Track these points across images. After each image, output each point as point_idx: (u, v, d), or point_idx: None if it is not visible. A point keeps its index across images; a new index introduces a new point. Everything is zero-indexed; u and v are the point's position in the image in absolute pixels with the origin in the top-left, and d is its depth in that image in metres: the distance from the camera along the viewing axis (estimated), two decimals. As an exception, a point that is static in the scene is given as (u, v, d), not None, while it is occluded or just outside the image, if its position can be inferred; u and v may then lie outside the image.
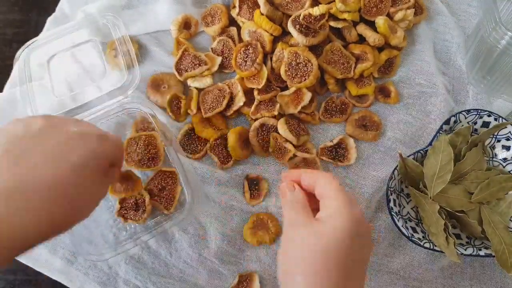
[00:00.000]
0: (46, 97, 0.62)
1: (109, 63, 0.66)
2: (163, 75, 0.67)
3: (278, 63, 0.64)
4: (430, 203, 0.56)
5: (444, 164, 0.56)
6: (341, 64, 0.64)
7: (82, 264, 0.59)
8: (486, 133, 0.59)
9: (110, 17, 0.65)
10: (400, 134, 0.64)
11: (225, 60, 0.68)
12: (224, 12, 0.69)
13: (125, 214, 0.58)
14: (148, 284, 0.57)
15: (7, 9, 0.81)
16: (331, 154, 0.63)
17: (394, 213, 0.56)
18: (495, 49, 0.59)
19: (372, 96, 0.66)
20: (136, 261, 0.58)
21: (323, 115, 0.65)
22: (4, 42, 0.79)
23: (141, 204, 0.58)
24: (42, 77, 0.63)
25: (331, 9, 0.62)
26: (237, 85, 0.64)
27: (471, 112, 0.60)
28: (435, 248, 0.54)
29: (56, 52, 0.65)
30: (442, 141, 0.57)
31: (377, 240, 0.60)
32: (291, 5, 0.65)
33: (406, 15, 0.66)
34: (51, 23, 0.72)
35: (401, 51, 0.69)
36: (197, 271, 0.58)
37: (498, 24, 0.55)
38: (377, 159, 0.63)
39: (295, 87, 0.62)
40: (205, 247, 0.59)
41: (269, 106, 0.63)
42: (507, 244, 0.54)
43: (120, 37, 0.64)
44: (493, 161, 0.61)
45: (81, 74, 0.65)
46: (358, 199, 0.61)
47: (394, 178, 0.57)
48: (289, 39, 0.65)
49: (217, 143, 0.63)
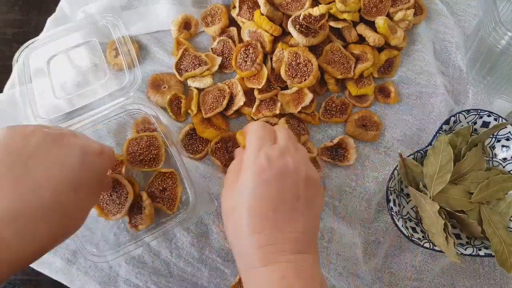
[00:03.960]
0: (46, 98, 0.62)
1: (109, 63, 0.66)
2: (163, 75, 0.67)
3: (278, 63, 0.64)
4: (430, 203, 0.56)
5: (444, 164, 0.56)
6: (341, 64, 0.64)
7: (82, 264, 0.59)
8: (486, 133, 0.60)
9: (110, 18, 0.65)
10: (400, 134, 0.65)
11: (225, 60, 0.68)
12: (224, 12, 0.69)
13: (135, 223, 0.57)
14: (149, 283, 0.57)
15: (7, 9, 0.81)
16: (331, 154, 0.63)
17: (394, 213, 0.56)
18: (495, 49, 0.59)
19: (372, 96, 0.66)
20: (137, 260, 0.58)
21: (323, 115, 0.65)
22: (4, 42, 0.79)
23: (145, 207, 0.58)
24: (42, 77, 0.63)
25: (331, 9, 0.62)
26: (237, 85, 0.64)
27: (471, 112, 0.60)
28: (435, 248, 0.54)
29: (56, 53, 0.64)
30: (442, 141, 0.57)
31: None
32: (291, 5, 0.65)
33: (406, 15, 0.66)
34: (51, 23, 0.72)
35: (401, 51, 0.69)
36: (198, 270, 0.58)
37: (498, 24, 0.55)
38: (377, 159, 0.64)
39: (296, 87, 0.62)
40: (207, 245, 0.59)
41: (270, 105, 0.63)
42: (507, 244, 0.54)
43: (120, 37, 0.64)
44: (493, 161, 0.61)
45: (81, 75, 0.65)
46: (359, 199, 0.61)
47: (394, 178, 0.57)
48: (289, 39, 0.65)
49: (218, 147, 0.63)
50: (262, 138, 0.45)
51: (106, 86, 0.63)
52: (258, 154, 0.43)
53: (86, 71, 0.65)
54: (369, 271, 0.59)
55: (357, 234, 0.59)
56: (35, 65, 0.63)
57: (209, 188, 0.61)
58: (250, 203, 0.40)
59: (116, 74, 0.67)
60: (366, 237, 0.60)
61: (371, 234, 0.60)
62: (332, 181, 0.62)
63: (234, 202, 0.42)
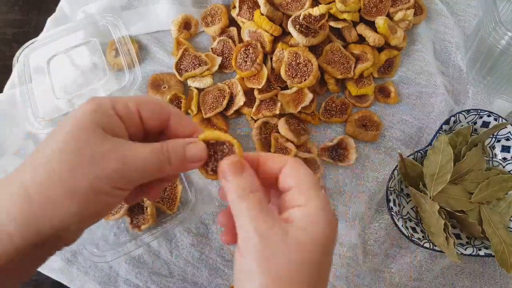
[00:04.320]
0: (46, 98, 0.62)
1: (109, 63, 0.66)
2: (163, 75, 0.67)
3: (278, 63, 0.64)
4: (430, 203, 0.56)
5: (444, 164, 0.56)
6: (341, 64, 0.64)
7: (82, 264, 0.59)
8: (486, 133, 0.59)
9: (110, 18, 0.65)
10: (400, 134, 0.65)
11: (225, 60, 0.68)
12: (224, 12, 0.69)
13: (137, 223, 0.57)
14: (149, 283, 0.57)
15: (7, 9, 0.81)
16: (331, 154, 0.63)
17: (394, 213, 0.56)
18: (495, 49, 0.59)
19: (372, 96, 0.66)
20: (137, 260, 0.58)
21: (323, 115, 0.65)
22: (4, 42, 0.79)
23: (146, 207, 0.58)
24: (42, 77, 0.63)
25: (331, 9, 0.62)
26: (237, 85, 0.64)
27: (471, 112, 0.60)
28: (435, 248, 0.54)
29: (56, 53, 0.65)
30: (442, 141, 0.57)
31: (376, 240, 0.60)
32: (291, 5, 0.65)
33: (406, 15, 0.66)
34: (51, 23, 0.72)
35: (401, 51, 0.69)
36: (198, 270, 0.58)
37: (498, 24, 0.55)
38: (377, 159, 0.64)
39: (296, 87, 0.62)
40: (207, 245, 0.59)
41: (270, 105, 0.63)
42: (507, 244, 0.54)
43: (120, 37, 0.64)
44: (493, 161, 0.61)
45: (81, 75, 0.65)
46: (359, 199, 0.61)
47: (394, 178, 0.57)
48: (289, 39, 0.65)
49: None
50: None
51: (106, 86, 0.63)
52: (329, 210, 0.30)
53: (86, 71, 0.65)
54: (369, 271, 0.59)
55: (357, 234, 0.59)
56: (35, 65, 0.63)
57: (209, 188, 0.61)
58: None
59: (116, 74, 0.67)
60: (366, 237, 0.60)
61: (371, 234, 0.60)
62: (332, 181, 0.62)
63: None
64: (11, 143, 0.64)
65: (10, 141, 0.65)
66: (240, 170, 0.30)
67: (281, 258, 0.27)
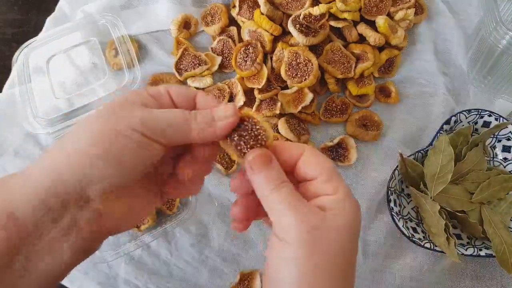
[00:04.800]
0: (46, 98, 0.62)
1: (109, 63, 0.66)
2: (163, 75, 0.67)
3: (278, 63, 0.64)
4: (430, 203, 0.56)
5: (444, 164, 0.56)
6: (341, 64, 0.64)
7: (82, 264, 0.58)
8: (486, 133, 0.59)
9: (109, 17, 0.65)
10: (400, 134, 0.64)
11: (225, 60, 0.68)
12: (224, 12, 0.69)
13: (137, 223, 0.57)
14: (149, 284, 0.57)
15: (6, 9, 0.81)
16: (331, 154, 0.63)
17: (395, 213, 0.55)
18: (496, 49, 0.59)
19: (372, 96, 0.66)
20: (136, 261, 0.58)
21: (324, 115, 0.65)
22: (3, 42, 0.79)
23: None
24: (41, 77, 0.63)
25: (331, 9, 0.62)
26: (237, 85, 0.64)
27: (471, 112, 0.60)
28: (436, 249, 0.54)
29: (56, 53, 0.64)
30: (443, 141, 0.57)
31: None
32: (291, 4, 0.65)
33: (406, 15, 0.66)
34: (50, 23, 0.72)
35: (402, 51, 0.68)
36: (198, 270, 0.58)
37: (499, 24, 0.55)
38: (377, 159, 0.63)
39: (296, 87, 0.61)
40: (207, 246, 0.59)
41: (270, 105, 0.63)
42: (507, 244, 0.53)
43: (119, 37, 0.64)
44: (493, 161, 0.61)
45: (81, 75, 0.65)
46: (359, 199, 0.61)
47: (394, 178, 0.57)
48: (289, 39, 0.65)
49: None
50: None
51: (106, 86, 0.63)
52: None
53: (85, 70, 0.65)
54: (369, 271, 0.59)
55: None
56: (35, 64, 0.63)
57: (209, 188, 0.61)
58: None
59: (116, 74, 0.67)
60: (366, 237, 0.60)
61: (371, 234, 0.60)
62: (332, 181, 0.62)
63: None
64: (11, 143, 0.64)
65: (9, 141, 0.65)
66: (269, 161, 0.30)
67: (324, 245, 0.28)
